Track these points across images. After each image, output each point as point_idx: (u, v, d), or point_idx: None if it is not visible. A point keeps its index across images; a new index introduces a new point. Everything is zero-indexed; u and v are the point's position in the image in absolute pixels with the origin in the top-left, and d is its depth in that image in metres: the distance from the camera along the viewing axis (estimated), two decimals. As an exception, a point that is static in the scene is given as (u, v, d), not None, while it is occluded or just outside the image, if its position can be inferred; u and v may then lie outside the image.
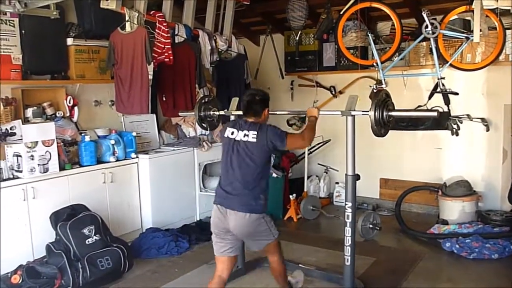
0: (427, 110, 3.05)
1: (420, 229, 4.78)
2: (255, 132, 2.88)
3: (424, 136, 5.43)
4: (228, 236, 2.95)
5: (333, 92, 5.95)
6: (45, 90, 4.39)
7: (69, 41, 4.40)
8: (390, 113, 2.98)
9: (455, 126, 5.12)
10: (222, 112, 3.83)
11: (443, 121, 5.16)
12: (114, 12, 4.19)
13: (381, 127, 2.96)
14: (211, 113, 3.84)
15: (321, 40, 5.73)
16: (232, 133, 2.97)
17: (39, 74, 4.32)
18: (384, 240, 4.69)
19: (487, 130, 5.02)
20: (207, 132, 5.27)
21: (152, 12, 4.56)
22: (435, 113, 2.92)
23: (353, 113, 3.05)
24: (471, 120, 5.09)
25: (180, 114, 4.40)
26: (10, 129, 3.99)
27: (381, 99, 2.95)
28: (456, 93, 4.79)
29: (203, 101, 3.86)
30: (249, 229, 2.89)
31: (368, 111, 2.92)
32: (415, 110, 3.36)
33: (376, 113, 2.90)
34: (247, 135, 2.89)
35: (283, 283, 3.23)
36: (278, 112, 4.23)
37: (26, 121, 4.12)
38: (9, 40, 3.99)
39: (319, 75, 6.03)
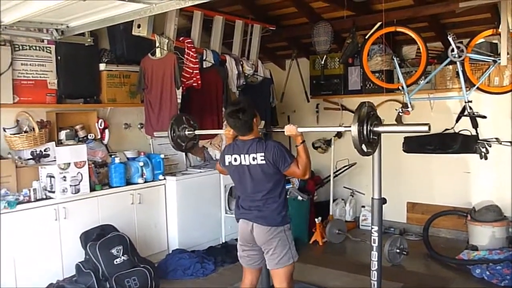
0: (417, 124, 2.69)
1: (449, 254, 4.68)
2: (262, 154, 2.86)
3: (452, 159, 5.35)
4: (254, 249, 3.02)
5: (359, 115, 5.94)
6: (78, 113, 4.55)
7: (102, 66, 4.58)
8: (375, 129, 2.66)
9: (483, 150, 5.05)
10: (198, 132, 3.69)
11: (471, 145, 5.11)
12: (145, 38, 4.34)
13: (365, 145, 2.65)
14: (187, 133, 3.64)
15: (346, 64, 5.77)
16: (235, 159, 2.96)
17: (73, 98, 4.49)
18: (411, 265, 4.61)
19: (517, 153, 4.94)
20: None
21: (181, 38, 4.70)
22: (426, 127, 2.51)
23: (333, 129, 2.91)
24: (500, 143, 5.01)
25: (155, 134, 4.18)
26: (44, 150, 4.14)
27: (365, 113, 2.62)
28: (484, 117, 4.75)
29: (174, 120, 3.64)
30: (270, 238, 2.91)
31: (350, 126, 2.65)
32: (403, 124, 3.03)
33: (358, 129, 2.58)
34: (255, 158, 2.87)
35: None
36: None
37: (59, 143, 4.28)
38: (45, 66, 4.18)
39: (344, 99, 6.05)
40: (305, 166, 2.88)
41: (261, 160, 2.86)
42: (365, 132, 2.62)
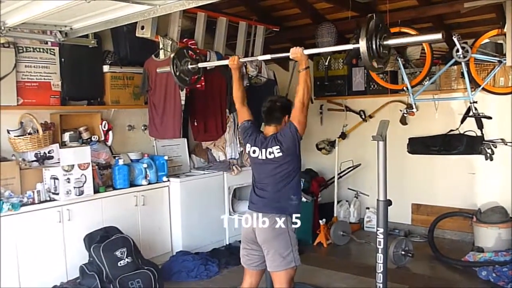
0: (430, 33, 2.55)
1: (455, 256, 4.65)
2: (278, 147, 2.87)
3: (457, 160, 5.33)
4: (255, 248, 2.98)
5: (363, 116, 5.93)
6: (82, 115, 4.55)
7: (105, 68, 4.58)
8: (384, 43, 2.53)
9: (489, 151, 5.02)
10: (201, 65, 3.56)
11: (476, 146, 5.08)
12: (149, 40, 4.33)
13: (375, 60, 2.57)
14: (190, 67, 3.52)
15: (350, 65, 5.75)
16: (254, 151, 2.98)
17: (77, 100, 4.49)
18: (417, 268, 4.58)
19: (523, 154, 4.90)
20: (237, 156, 5.32)
21: (184, 40, 4.70)
22: (439, 35, 2.42)
23: (342, 47, 2.87)
24: (506, 144, 4.97)
25: (157, 70, 3.92)
26: (48, 152, 4.15)
27: (373, 26, 2.49)
28: (490, 117, 4.72)
29: (176, 54, 3.49)
30: (272, 237, 2.87)
31: (358, 43, 2.51)
32: (414, 35, 2.85)
33: (367, 44, 2.45)
34: (272, 153, 2.89)
35: None
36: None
37: (63, 145, 4.28)
38: (49, 68, 4.17)
39: (348, 100, 6.03)
40: (302, 93, 2.87)
41: (278, 152, 2.87)
42: (374, 47, 2.52)
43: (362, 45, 2.47)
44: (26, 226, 3.72)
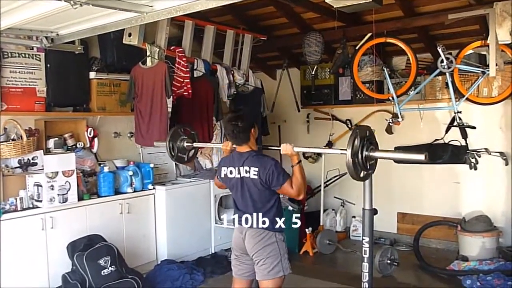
0: (415, 151, 2.52)
1: (440, 265, 4.68)
2: (256, 169, 2.83)
3: (442, 170, 5.37)
4: (246, 258, 2.98)
5: (349, 125, 5.97)
6: (67, 121, 4.50)
7: (92, 74, 4.54)
8: (371, 154, 2.53)
9: (473, 160, 5.08)
10: (196, 145, 3.61)
11: (461, 155, 5.14)
12: (136, 47, 4.32)
13: (360, 170, 2.55)
14: (185, 145, 3.54)
15: (337, 74, 5.79)
16: (231, 172, 2.95)
17: (62, 106, 4.44)
18: (402, 276, 4.59)
19: (506, 164, 4.96)
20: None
21: (172, 48, 4.69)
22: (422, 157, 2.41)
23: (328, 151, 2.82)
24: (490, 154, 5.04)
25: (155, 144, 4.09)
26: (32, 159, 4.08)
27: (361, 137, 2.49)
28: (474, 127, 4.79)
29: (171, 136, 3.53)
30: (261, 248, 2.87)
31: (345, 150, 2.50)
32: (402, 151, 2.91)
33: (353, 153, 2.45)
34: (248, 172, 2.86)
35: None
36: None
37: (47, 151, 4.22)
38: (34, 74, 4.13)
39: (335, 109, 6.08)
40: (299, 186, 2.85)
41: (254, 175, 2.84)
42: (360, 160, 2.52)
43: (348, 153, 2.45)
44: (8, 234, 3.66)
